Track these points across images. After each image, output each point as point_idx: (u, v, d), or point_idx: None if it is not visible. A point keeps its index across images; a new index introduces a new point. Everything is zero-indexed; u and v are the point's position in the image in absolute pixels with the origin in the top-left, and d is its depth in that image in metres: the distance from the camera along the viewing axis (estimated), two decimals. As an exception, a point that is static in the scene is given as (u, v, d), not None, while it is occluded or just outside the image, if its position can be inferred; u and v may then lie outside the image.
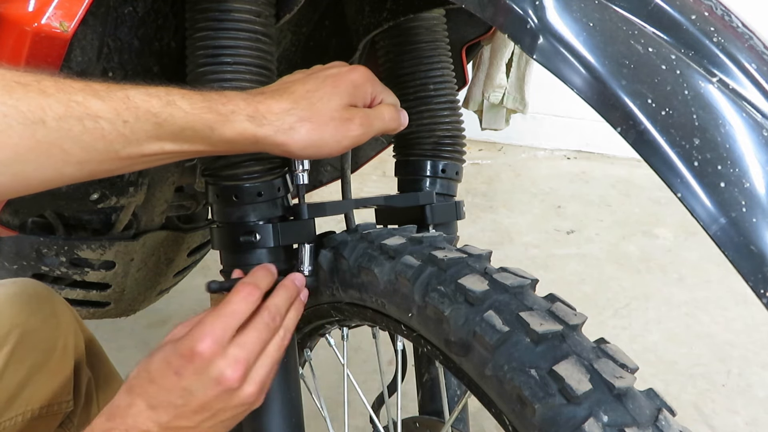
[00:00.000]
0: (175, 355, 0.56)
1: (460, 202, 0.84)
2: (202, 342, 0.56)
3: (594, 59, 0.44)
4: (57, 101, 0.51)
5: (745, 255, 0.39)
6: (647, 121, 0.42)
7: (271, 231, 0.69)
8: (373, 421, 0.84)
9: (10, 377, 0.79)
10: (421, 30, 0.84)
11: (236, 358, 0.57)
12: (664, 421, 0.47)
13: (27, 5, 0.61)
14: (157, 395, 0.56)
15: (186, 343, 0.56)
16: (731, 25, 0.48)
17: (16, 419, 0.81)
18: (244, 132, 0.58)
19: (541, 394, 0.48)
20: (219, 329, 0.57)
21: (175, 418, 0.56)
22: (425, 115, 0.83)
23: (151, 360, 0.57)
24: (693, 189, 0.41)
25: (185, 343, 0.56)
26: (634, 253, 2.22)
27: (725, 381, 1.65)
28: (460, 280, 0.57)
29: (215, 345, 0.56)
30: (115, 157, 0.54)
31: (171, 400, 0.56)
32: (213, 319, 0.57)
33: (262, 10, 0.71)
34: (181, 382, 0.55)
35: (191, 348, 0.56)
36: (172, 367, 0.56)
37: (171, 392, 0.56)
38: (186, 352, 0.56)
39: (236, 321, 0.58)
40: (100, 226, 1.02)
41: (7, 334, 0.80)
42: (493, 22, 0.50)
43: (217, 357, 0.56)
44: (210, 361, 0.56)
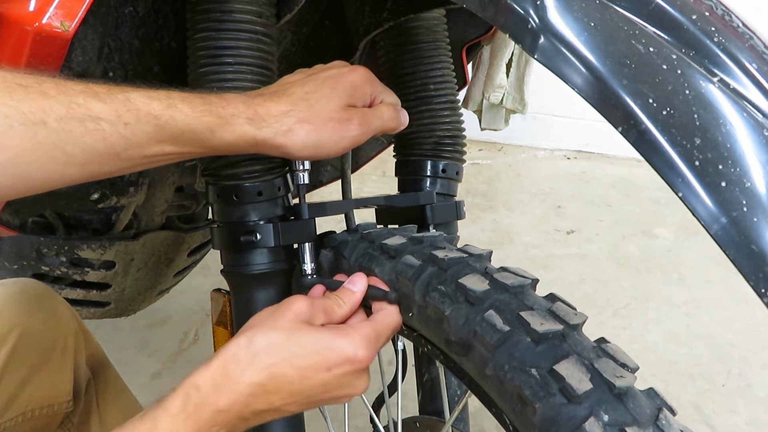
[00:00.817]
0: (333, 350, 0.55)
1: (461, 202, 0.84)
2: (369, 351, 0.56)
3: (595, 59, 0.44)
4: (58, 103, 0.51)
5: (746, 254, 0.39)
6: (648, 121, 0.42)
7: (271, 231, 0.69)
8: (373, 421, 0.84)
9: (10, 377, 0.79)
10: (421, 30, 0.84)
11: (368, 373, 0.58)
12: (664, 421, 0.47)
13: (28, 5, 0.61)
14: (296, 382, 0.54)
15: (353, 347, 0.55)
16: (732, 25, 0.48)
17: (17, 419, 0.81)
18: (243, 135, 0.58)
19: (542, 394, 0.48)
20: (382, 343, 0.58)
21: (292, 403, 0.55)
22: (425, 115, 0.83)
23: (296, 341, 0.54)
24: (694, 188, 0.41)
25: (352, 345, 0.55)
26: (634, 253, 2.22)
27: (725, 381, 1.65)
28: (461, 280, 0.57)
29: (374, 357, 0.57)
30: (116, 158, 0.55)
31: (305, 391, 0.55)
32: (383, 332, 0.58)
33: (262, 10, 0.71)
34: (327, 378, 0.55)
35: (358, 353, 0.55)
36: (326, 361, 0.55)
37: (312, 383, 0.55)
38: (351, 354, 0.55)
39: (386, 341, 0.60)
40: (100, 226, 1.02)
41: (7, 334, 0.80)
42: (494, 22, 0.50)
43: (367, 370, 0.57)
44: (364, 370, 0.57)
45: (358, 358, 0.55)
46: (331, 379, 0.55)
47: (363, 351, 0.56)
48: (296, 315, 0.56)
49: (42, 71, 0.63)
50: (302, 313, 0.57)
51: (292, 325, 0.56)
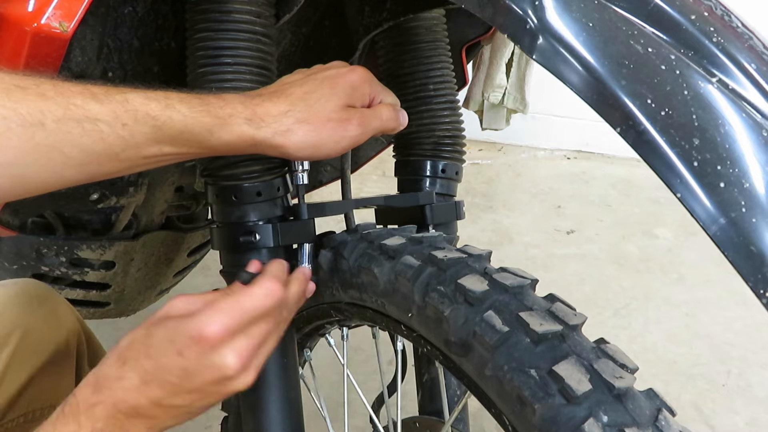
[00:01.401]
0: (180, 333, 0.55)
1: (460, 202, 0.84)
2: (212, 326, 0.54)
3: (593, 59, 0.44)
4: (56, 104, 0.51)
5: (744, 255, 0.39)
6: (647, 122, 0.42)
7: (270, 231, 0.69)
8: (373, 421, 0.84)
9: (12, 378, 0.79)
10: (421, 30, 0.84)
11: (242, 348, 0.56)
12: (663, 421, 0.47)
13: (26, 5, 0.61)
14: (154, 372, 0.54)
15: (194, 325, 0.54)
16: (731, 25, 0.48)
17: (18, 420, 0.81)
18: (242, 135, 0.58)
19: (541, 394, 0.48)
20: (234, 319, 0.56)
21: (168, 396, 0.55)
22: (425, 115, 0.83)
23: (151, 334, 0.56)
24: (692, 189, 0.41)
25: (194, 324, 0.55)
26: (634, 253, 2.22)
27: (725, 381, 1.65)
28: (460, 280, 0.57)
29: (225, 332, 0.55)
30: (115, 159, 0.55)
31: (167, 379, 0.55)
32: (230, 307, 0.56)
33: (262, 10, 0.71)
34: (182, 363, 0.54)
35: (200, 330, 0.54)
36: (175, 345, 0.54)
37: (169, 371, 0.54)
38: (194, 333, 0.54)
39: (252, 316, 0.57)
40: (100, 226, 1.02)
41: (8, 335, 0.80)
42: (493, 22, 0.50)
43: (224, 344, 0.55)
44: (216, 347, 0.55)
45: (201, 335, 0.54)
46: (187, 363, 0.54)
47: (207, 326, 0.54)
48: (163, 311, 0.57)
49: (41, 72, 0.63)
50: (171, 308, 0.57)
51: (153, 320, 0.56)
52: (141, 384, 0.55)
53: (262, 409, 0.69)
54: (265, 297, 0.58)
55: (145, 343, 0.56)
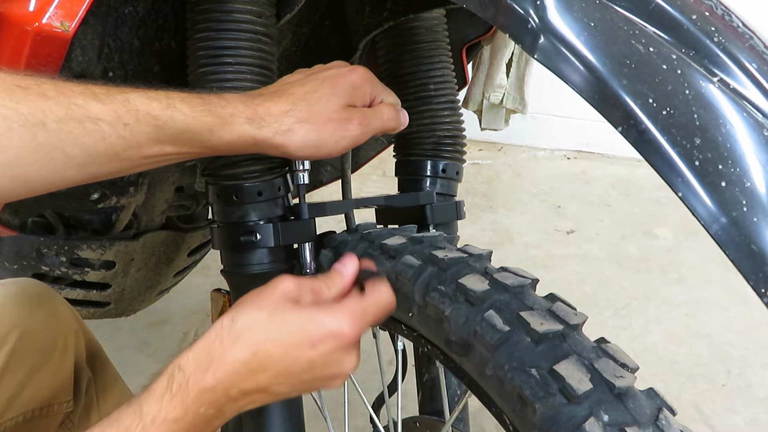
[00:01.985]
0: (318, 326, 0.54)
1: (461, 202, 0.84)
2: (354, 326, 0.54)
3: (595, 59, 0.44)
4: (57, 104, 0.51)
5: (746, 254, 0.39)
6: (648, 121, 0.42)
7: (271, 231, 0.69)
8: (373, 421, 0.84)
9: (11, 377, 0.79)
10: (421, 30, 0.84)
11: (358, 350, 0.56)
12: (664, 421, 0.47)
13: (28, 5, 0.61)
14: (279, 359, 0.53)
15: (336, 321, 0.54)
16: (732, 25, 0.48)
17: (17, 419, 0.81)
18: (243, 134, 0.58)
19: (542, 394, 0.48)
20: (370, 321, 0.56)
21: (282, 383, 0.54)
22: (425, 115, 0.83)
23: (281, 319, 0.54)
24: (694, 188, 0.41)
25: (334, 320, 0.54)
26: (634, 253, 2.22)
27: (725, 381, 1.65)
28: (461, 280, 0.57)
29: (361, 334, 0.55)
30: (116, 159, 0.55)
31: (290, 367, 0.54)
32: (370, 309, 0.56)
33: (262, 10, 0.71)
34: (312, 354, 0.53)
35: (341, 328, 0.54)
36: (311, 337, 0.53)
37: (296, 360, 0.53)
38: (336, 330, 0.54)
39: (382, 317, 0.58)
40: (100, 226, 1.02)
41: (7, 334, 0.80)
42: (494, 22, 0.50)
43: (356, 345, 0.55)
44: (350, 347, 0.55)
45: (342, 332, 0.54)
46: (316, 357, 0.54)
47: (348, 326, 0.54)
48: (282, 294, 0.56)
49: (42, 71, 0.63)
50: (288, 292, 0.56)
51: (276, 303, 0.55)
52: (260, 370, 0.53)
53: (262, 409, 0.69)
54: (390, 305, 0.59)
55: (272, 328, 0.54)
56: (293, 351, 0.53)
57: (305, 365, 0.54)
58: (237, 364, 0.52)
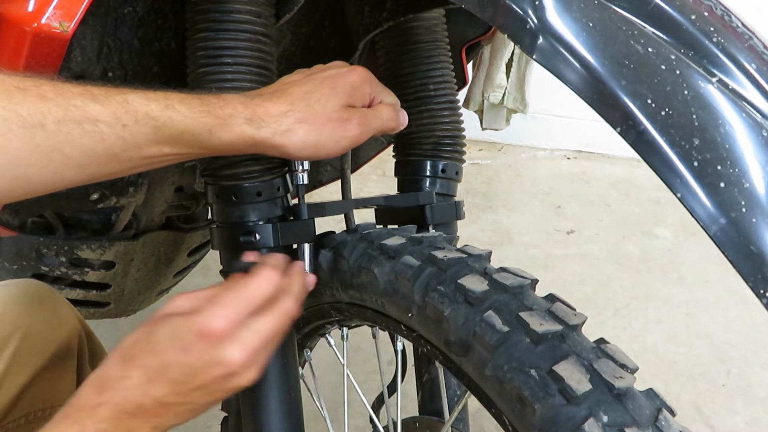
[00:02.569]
0: (184, 330, 0.54)
1: (460, 202, 0.84)
2: (216, 321, 0.54)
3: (594, 59, 0.44)
4: (56, 105, 0.51)
5: (744, 255, 0.39)
6: (647, 122, 0.42)
7: (270, 231, 0.69)
8: (373, 421, 0.84)
9: (13, 379, 0.79)
10: (421, 30, 0.84)
11: (246, 343, 0.56)
12: (663, 421, 0.47)
13: (27, 5, 0.61)
14: (158, 369, 0.54)
15: (199, 320, 0.54)
16: (731, 25, 0.48)
17: (19, 421, 0.81)
18: (242, 135, 0.58)
19: (541, 394, 0.48)
20: (236, 311, 0.56)
21: (173, 393, 0.55)
22: (425, 115, 0.83)
23: (154, 331, 0.56)
24: (693, 189, 0.41)
25: (198, 319, 0.55)
26: (634, 253, 2.22)
27: (725, 381, 1.65)
28: (460, 280, 0.57)
29: (230, 326, 0.55)
30: (115, 160, 0.55)
31: (172, 376, 0.54)
32: (231, 299, 0.56)
33: (262, 10, 0.71)
34: (187, 359, 0.54)
35: (204, 326, 0.54)
36: (179, 342, 0.54)
37: (173, 368, 0.54)
38: (198, 329, 0.54)
39: (254, 305, 0.57)
40: (100, 226, 1.02)
41: (9, 335, 0.80)
42: (493, 22, 0.50)
43: (229, 338, 0.55)
44: (220, 342, 0.55)
45: (206, 330, 0.54)
46: (191, 360, 0.54)
47: (211, 321, 0.54)
48: (166, 310, 0.57)
49: (41, 71, 0.63)
50: (173, 307, 0.57)
51: (156, 319, 0.56)
52: (145, 382, 0.54)
53: (262, 409, 0.69)
54: (264, 284, 0.58)
55: (148, 341, 0.55)
56: (168, 359, 0.55)
57: (184, 371, 0.55)
58: (123, 380, 0.54)
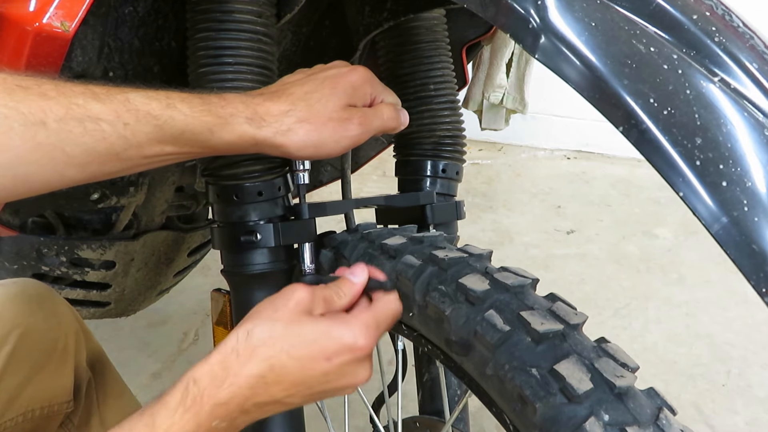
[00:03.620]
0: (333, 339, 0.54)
1: (461, 202, 0.84)
2: (368, 339, 0.55)
3: (596, 59, 0.44)
4: (57, 104, 0.51)
5: (746, 254, 0.39)
6: (649, 121, 0.42)
7: (271, 231, 0.69)
8: (373, 421, 0.84)
9: (11, 378, 0.79)
10: (421, 30, 0.84)
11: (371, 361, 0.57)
12: (664, 420, 0.47)
13: (28, 5, 0.61)
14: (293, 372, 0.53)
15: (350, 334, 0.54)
16: (732, 25, 0.48)
17: (17, 419, 0.81)
18: (243, 134, 0.58)
19: (542, 394, 0.48)
20: (382, 332, 0.57)
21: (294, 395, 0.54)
22: (425, 115, 0.83)
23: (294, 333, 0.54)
24: (695, 188, 0.41)
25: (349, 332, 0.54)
26: (634, 253, 2.22)
27: (725, 381, 1.65)
28: (461, 280, 0.57)
29: (374, 345, 0.56)
30: (116, 158, 0.55)
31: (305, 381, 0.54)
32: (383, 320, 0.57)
33: (263, 10, 0.71)
34: (327, 367, 0.54)
35: (357, 341, 0.54)
36: (325, 350, 0.54)
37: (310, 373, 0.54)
38: (350, 342, 0.54)
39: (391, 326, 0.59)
40: (100, 226, 1.02)
41: (7, 335, 0.80)
42: (495, 21, 0.51)
43: (369, 357, 0.56)
44: (364, 359, 0.55)
45: (357, 346, 0.54)
46: (331, 369, 0.54)
47: (362, 339, 0.55)
48: (296, 305, 0.55)
49: (42, 71, 0.63)
50: (302, 302, 0.56)
51: (291, 315, 0.55)
52: (275, 383, 0.53)
53: (262, 409, 0.68)
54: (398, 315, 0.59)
55: (287, 341, 0.54)
56: (309, 364, 0.54)
57: (320, 377, 0.54)
58: (253, 378, 0.52)
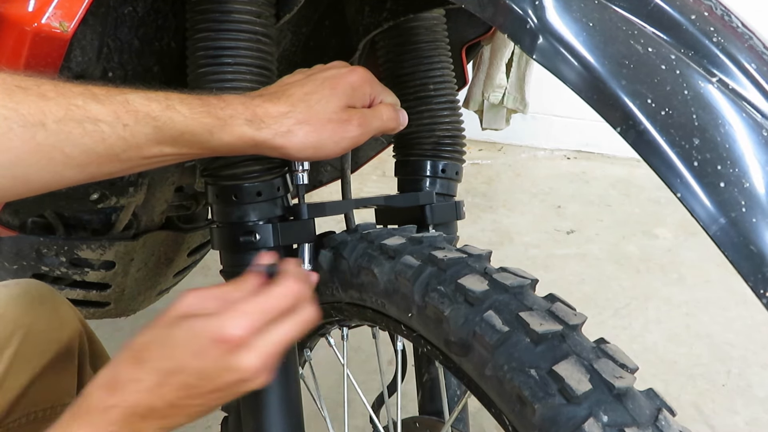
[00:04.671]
0: (200, 335, 0.54)
1: (460, 202, 0.84)
2: (235, 329, 0.54)
3: (594, 59, 0.44)
4: (57, 104, 0.51)
5: (744, 255, 0.39)
6: (647, 121, 0.42)
7: (270, 231, 0.69)
8: (373, 421, 0.84)
9: (14, 379, 0.79)
10: (421, 30, 0.84)
11: (262, 351, 0.55)
12: (663, 421, 0.47)
13: (27, 5, 0.61)
14: (172, 373, 0.54)
15: (216, 326, 0.54)
16: (731, 25, 0.48)
17: (20, 421, 0.81)
18: (242, 136, 0.58)
19: (541, 394, 0.48)
20: (256, 319, 0.55)
21: (185, 397, 0.55)
22: (425, 115, 0.83)
23: (168, 334, 0.55)
24: (693, 189, 0.41)
25: (215, 325, 0.54)
26: (634, 253, 2.22)
27: (725, 381, 1.65)
28: (460, 280, 0.57)
29: (248, 334, 0.54)
30: (115, 159, 0.55)
31: (186, 380, 0.54)
32: (252, 308, 0.56)
33: (262, 10, 0.71)
34: (201, 364, 0.54)
35: (222, 332, 0.54)
36: (195, 347, 0.54)
37: (188, 372, 0.54)
38: (215, 334, 0.54)
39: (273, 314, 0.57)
40: (100, 226, 1.02)
41: (10, 336, 0.80)
42: (493, 22, 0.51)
43: (246, 346, 0.55)
44: (237, 349, 0.54)
45: (224, 337, 0.54)
46: (206, 366, 0.54)
47: (230, 329, 0.54)
48: (176, 310, 0.56)
49: (41, 71, 0.63)
50: (184, 306, 0.56)
51: (168, 320, 0.56)
52: (158, 386, 0.54)
53: (262, 409, 0.69)
54: (288, 295, 0.58)
55: (162, 343, 0.55)
56: (183, 363, 0.54)
57: (199, 375, 0.54)
58: (136, 382, 0.54)
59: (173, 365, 0.54)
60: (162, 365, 0.54)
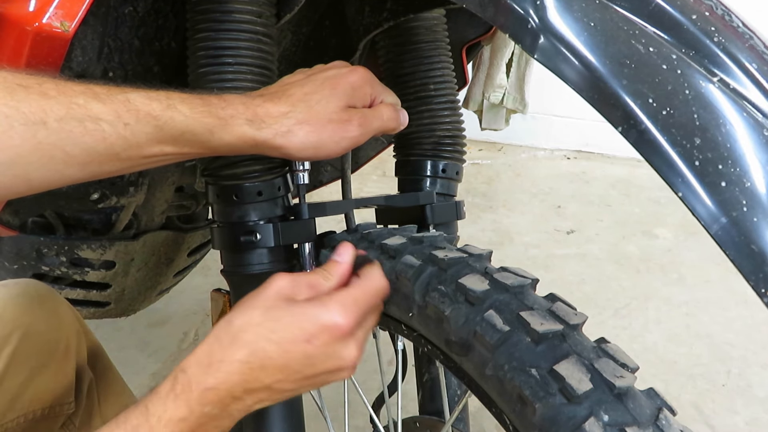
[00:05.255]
0: (311, 321, 0.54)
1: (461, 202, 0.84)
2: (347, 317, 0.55)
3: (595, 59, 0.44)
4: (58, 103, 0.51)
5: (746, 254, 0.39)
6: (648, 121, 0.42)
7: (271, 231, 0.69)
8: (373, 421, 0.84)
9: (13, 378, 0.79)
10: (421, 30, 0.84)
11: (361, 341, 0.57)
12: (664, 421, 0.47)
13: (28, 5, 0.61)
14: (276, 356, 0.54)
15: (328, 314, 0.54)
16: (732, 25, 0.48)
17: (18, 420, 0.81)
18: (243, 136, 0.58)
19: (542, 394, 0.48)
20: (364, 309, 0.56)
21: (284, 381, 0.55)
22: (425, 115, 0.83)
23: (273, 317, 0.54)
24: (694, 188, 0.41)
25: (327, 312, 0.54)
26: (634, 253, 2.22)
27: (725, 381, 1.65)
28: (461, 280, 0.57)
29: (356, 323, 0.55)
30: (116, 158, 0.55)
31: (289, 364, 0.54)
32: (362, 297, 0.57)
33: (262, 10, 0.71)
34: (308, 349, 0.54)
35: (335, 320, 0.54)
36: (304, 332, 0.54)
37: (293, 356, 0.54)
38: (328, 322, 0.54)
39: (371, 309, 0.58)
40: (100, 226, 1.02)
41: (9, 335, 0.80)
42: (494, 22, 0.51)
43: (352, 335, 0.56)
44: (346, 338, 0.55)
45: (336, 325, 0.54)
46: (313, 351, 0.54)
47: (340, 316, 0.54)
48: (275, 292, 0.56)
49: (42, 71, 0.63)
50: (281, 289, 0.56)
51: (269, 302, 0.56)
52: (260, 368, 0.54)
53: (263, 409, 0.69)
54: (380, 292, 0.59)
55: (266, 326, 0.54)
56: (289, 347, 0.54)
57: (304, 360, 0.54)
58: (236, 364, 0.53)
59: (279, 349, 0.54)
60: (265, 347, 0.54)
